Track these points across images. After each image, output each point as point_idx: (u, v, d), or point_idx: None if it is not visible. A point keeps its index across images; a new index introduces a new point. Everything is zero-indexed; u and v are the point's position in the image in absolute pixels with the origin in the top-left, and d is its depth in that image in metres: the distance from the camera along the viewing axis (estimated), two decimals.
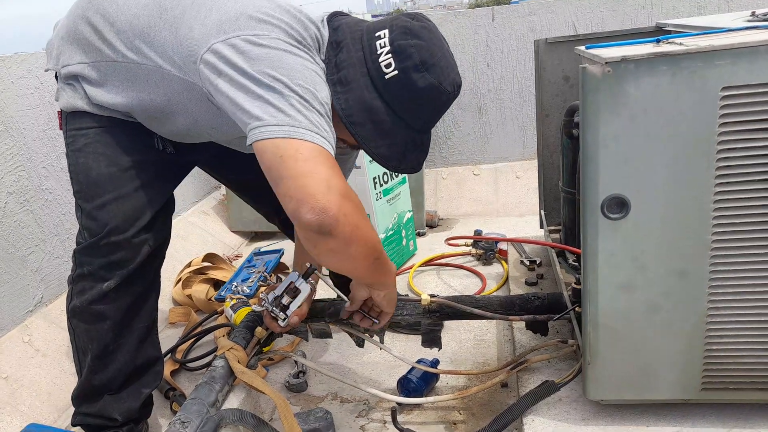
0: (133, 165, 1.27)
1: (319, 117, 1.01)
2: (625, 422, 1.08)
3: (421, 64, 1.08)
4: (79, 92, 1.24)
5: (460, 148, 3.12)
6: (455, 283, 2.23)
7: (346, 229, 0.97)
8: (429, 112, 1.16)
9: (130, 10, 1.16)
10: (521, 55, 2.93)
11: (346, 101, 1.10)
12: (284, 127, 0.97)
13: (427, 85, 1.09)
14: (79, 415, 1.38)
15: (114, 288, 1.27)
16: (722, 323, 0.98)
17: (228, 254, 2.69)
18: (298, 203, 0.95)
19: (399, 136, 1.13)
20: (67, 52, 1.24)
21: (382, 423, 1.48)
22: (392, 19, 1.15)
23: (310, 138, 0.98)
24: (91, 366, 1.32)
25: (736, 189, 0.91)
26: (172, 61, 1.12)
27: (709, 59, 0.86)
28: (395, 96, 1.10)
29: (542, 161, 1.87)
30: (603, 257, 0.98)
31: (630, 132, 0.91)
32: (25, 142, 1.92)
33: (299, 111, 0.99)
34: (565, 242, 1.67)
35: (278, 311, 1.32)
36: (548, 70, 1.75)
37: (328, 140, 1.01)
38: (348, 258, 1.04)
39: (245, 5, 1.08)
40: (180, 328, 2.08)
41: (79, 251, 1.29)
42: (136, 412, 1.38)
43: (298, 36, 1.08)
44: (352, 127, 1.10)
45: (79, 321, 1.31)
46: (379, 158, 1.14)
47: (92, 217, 1.25)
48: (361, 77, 1.09)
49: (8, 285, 1.81)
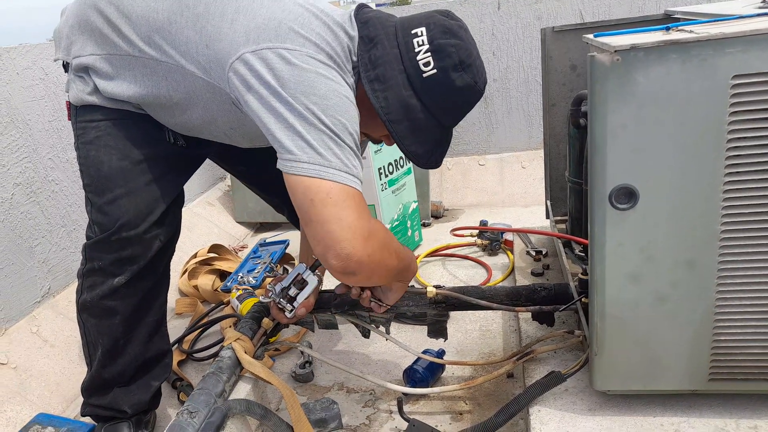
0: (145, 158, 1.26)
1: (350, 153, 1.03)
2: (632, 413, 1.08)
3: (459, 64, 1.09)
4: (90, 85, 1.22)
5: (466, 138, 3.10)
6: (461, 273, 2.22)
7: (369, 268, 1.05)
8: (462, 109, 1.17)
9: (146, 3, 1.14)
10: (527, 43, 2.90)
11: (385, 99, 1.10)
12: (315, 166, 1.00)
13: (465, 85, 1.11)
14: (89, 406, 1.39)
15: (125, 284, 1.26)
16: (730, 314, 0.98)
17: (233, 245, 2.69)
18: (325, 249, 1.02)
19: (431, 133, 1.15)
20: (79, 42, 1.21)
21: (389, 413, 1.48)
22: (427, 16, 1.14)
23: (341, 179, 1.00)
24: (102, 360, 1.33)
25: (746, 179, 0.90)
26: (197, 62, 1.10)
27: (720, 47, 0.85)
28: (432, 94, 1.11)
29: (548, 151, 1.86)
30: (610, 248, 0.97)
31: (639, 121, 0.90)
32: (31, 134, 1.92)
33: (330, 148, 1.00)
34: (571, 232, 1.66)
35: (285, 303, 1.33)
36: (555, 59, 1.74)
37: (357, 176, 1.04)
38: (371, 282, 1.19)
39: (274, 10, 1.07)
40: (186, 318, 2.09)
41: (89, 246, 1.28)
42: (146, 404, 1.39)
43: (329, 49, 1.08)
44: (391, 125, 1.11)
45: (90, 316, 1.31)
46: (412, 155, 1.16)
47: (103, 211, 1.24)
48: (398, 75, 1.10)
49: (16, 276, 1.82)
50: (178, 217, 1.38)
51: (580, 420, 1.08)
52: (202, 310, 2.09)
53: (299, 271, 1.35)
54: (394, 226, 2.33)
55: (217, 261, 2.34)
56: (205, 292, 2.16)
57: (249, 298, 1.92)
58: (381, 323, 1.47)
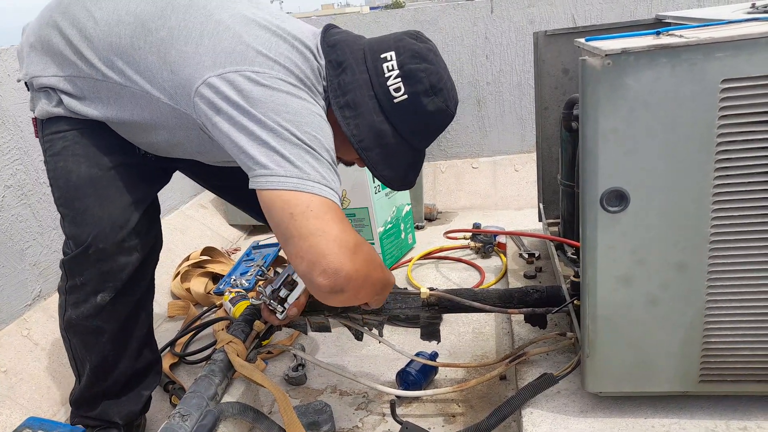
0: (115, 166, 1.21)
1: (327, 167, 0.99)
2: (624, 414, 1.08)
3: (430, 89, 1.08)
4: (54, 99, 1.18)
5: (459, 141, 3.11)
6: (454, 276, 2.23)
7: (357, 283, 0.98)
8: (433, 133, 1.17)
9: (109, 26, 1.10)
10: (520, 47, 2.92)
11: (356, 126, 1.09)
12: (293, 179, 0.95)
13: (437, 109, 1.10)
14: (78, 417, 1.38)
15: (109, 301, 1.22)
16: (720, 316, 0.98)
17: (226, 248, 2.69)
18: (310, 265, 0.94)
19: (403, 157, 1.14)
20: (39, 63, 1.17)
21: (381, 416, 1.48)
22: (396, 40, 1.12)
23: (319, 191, 0.96)
24: (91, 376, 1.31)
25: (736, 182, 0.91)
26: (162, 88, 1.07)
27: (710, 51, 0.86)
28: (403, 119, 1.10)
29: (541, 154, 1.87)
30: (602, 250, 0.98)
31: (629, 125, 0.91)
32: (22, 136, 1.91)
33: (307, 162, 0.96)
34: (563, 235, 1.67)
35: (276, 304, 1.32)
36: (547, 63, 1.75)
37: (336, 191, 1.00)
38: (357, 300, 1.07)
39: (240, 33, 1.03)
40: (179, 321, 2.09)
41: (67, 261, 1.23)
42: (137, 414, 1.38)
43: (299, 72, 1.05)
44: (363, 153, 1.10)
45: (75, 334, 1.28)
46: (385, 180, 1.15)
47: (76, 223, 1.19)
48: (368, 100, 1.08)
49: (6, 279, 1.80)
50: (156, 227, 1.33)
51: (572, 422, 1.09)
52: (195, 312, 2.08)
53: (289, 272, 1.35)
54: (388, 229, 2.33)
55: (209, 264, 2.34)
56: (197, 295, 2.16)
57: (242, 300, 1.92)
58: (374, 326, 1.47)
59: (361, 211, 2.26)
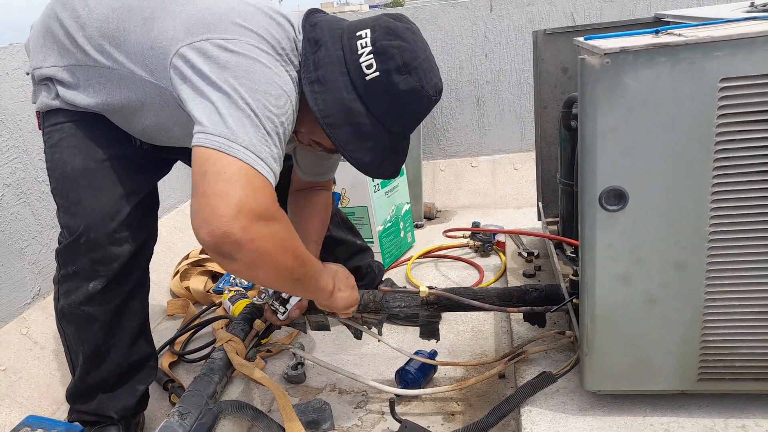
0: (109, 158, 1.23)
1: (265, 137, 0.95)
2: (622, 413, 1.09)
3: (403, 66, 1.04)
4: (53, 92, 1.22)
5: (458, 139, 3.11)
6: (453, 275, 2.23)
7: (250, 256, 0.91)
8: (409, 116, 1.11)
9: (100, 12, 1.13)
10: (520, 46, 2.92)
11: (324, 101, 1.05)
12: (220, 139, 0.91)
13: (409, 89, 1.05)
14: (75, 412, 1.38)
15: (101, 290, 1.24)
16: (719, 314, 0.99)
17: None
18: (200, 222, 0.89)
19: (378, 140, 1.09)
20: (41, 53, 1.21)
21: (380, 414, 1.49)
22: (374, 19, 1.10)
23: (243, 156, 0.91)
24: (84, 366, 1.31)
25: (734, 181, 0.91)
26: (144, 65, 1.09)
27: (708, 50, 0.86)
28: (376, 98, 1.05)
29: (540, 153, 1.87)
30: (601, 249, 0.98)
31: (628, 123, 0.91)
32: (21, 134, 1.91)
33: (244, 126, 0.93)
34: (562, 234, 1.67)
35: (278, 304, 1.33)
36: (547, 62, 1.75)
37: (266, 161, 0.94)
38: (256, 280, 1.00)
39: (216, 5, 1.04)
40: (178, 320, 2.09)
41: (60, 251, 1.26)
42: (132, 409, 1.38)
43: (272, 41, 1.04)
44: (328, 129, 1.05)
45: (68, 323, 1.29)
46: (357, 163, 1.09)
47: (70, 213, 1.23)
48: (340, 77, 1.05)
49: (6, 277, 1.80)
50: (151, 221, 1.34)
51: (571, 420, 1.09)
52: (194, 311, 2.08)
53: None
54: (387, 228, 2.33)
55: (209, 262, 2.33)
56: (197, 294, 2.16)
57: (241, 299, 1.92)
58: (373, 324, 1.47)
59: (360, 209, 2.26)
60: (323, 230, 1.54)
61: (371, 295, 1.44)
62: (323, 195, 1.53)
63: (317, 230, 1.50)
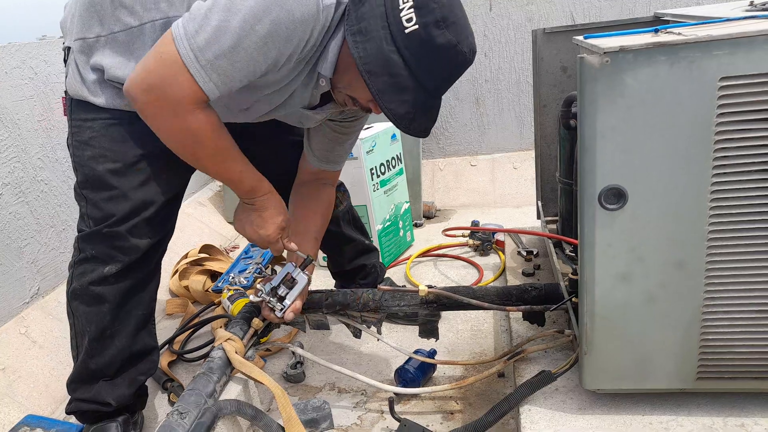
0: (139, 160, 1.27)
1: (228, 49, 1.03)
2: (621, 412, 1.09)
3: (442, 21, 1.07)
4: (88, 78, 1.24)
5: (458, 138, 3.11)
6: (452, 274, 2.23)
7: (145, 113, 1.12)
8: (444, 72, 1.14)
9: None
10: (519, 45, 2.92)
11: (364, 50, 1.09)
12: (181, 33, 1.04)
13: (446, 43, 1.08)
14: (74, 401, 1.38)
15: (114, 273, 1.28)
16: (718, 313, 0.99)
17: (225, 245, 2.68)
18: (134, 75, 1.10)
19: (412, 95, 1.12)
20: (80, 24, 1.24)
21: (380, 413, 1.49)
22: None
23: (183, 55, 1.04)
24: (89, 349, 1.33)
25: (734, 179, 0.91)
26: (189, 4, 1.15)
27: (708, 49, 0.86)
28: (413, 52, 1.09)
29: (539, 152, 1.87)
30: (600, 248, 0.98)
31: (628, 122, 0.91)
32: (20, 134, 1.91)
33: (212, 32, 1.03)
34: (562, 233, 1.67)
35: (275, 302, 1.33)
36: (546, 61, 1.75)
37: (205, 68, 1.05)
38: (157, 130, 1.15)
39: None
40: (177, 319, 2.08)
41: (81, 238, 1.30)
42: (130, 399, 1.39)
43: None
44: (368, 77, 1.09)
45: (80, 303, 1.32)
46: (392, 114, 1.13)
47: (98, 207, 1.27)
48: (381, 30, 1.09)
49: (4, 277, 1.80)
50: (172, 216, 1.38)
51: (570, 419, 1.09)
52: (193, 310, 2.08)
53: (288, 270, 1.35)
54: (386, 227, 2.33)
55: (208, 261, 2.33)
56: (196, 293, 2.16)
57: (240, 298, 1.92)
58: (372, 323, 1.47)
59: (360, 208, 2.26)
60: (323, 227, 1.54)
61: (370, 294, 1.44)
62: (327, 191, 1.54)
63: (318, 226, 1.50)
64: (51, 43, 2.05)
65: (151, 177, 1.28)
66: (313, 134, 1.46)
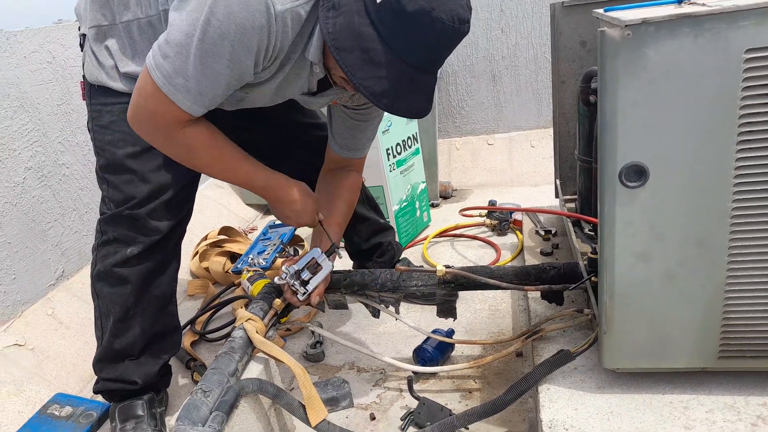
0: None
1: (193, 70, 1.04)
2: (641, 390, 1.08)
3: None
4: (106, 64, 1.26)
5: (474, 117, 3.07)
6: (470, 253, 2.23)
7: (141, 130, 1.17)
8: (422, 43, 1.05)
9: None
10: (536, 20, 2.86)
11: (333, 25, 1.04)
12: (153, 63, 1.06)
13: (418, 9, 0.99)
14: (101, 381, 1.42)
15: (137, 255, 1.31)
16: (741, 291, 0.97)
17: (243, 227, 2.71)
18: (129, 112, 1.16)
19: (391, 70, 1.05)
20: (97, 12, 1.25)
21: (399, 391, 1.50)
22: None
23: (159, 82, 1.06)
24: (113, 329, 1.36)
25: (758, 155, 0.89)
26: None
27: (733, 20, 0.83)
28: (386, 23, 1.02)
29: (558, 129, 1.84)
30: (620, 226, 0.97)
31: (649, 97, 0.89)
32: (41, 118, 1.93)
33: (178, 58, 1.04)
34: (580, 211, 1.65)
35: (299, 285, 1.34)
36: (564, 35, 1.71)
37: (177, 89, 1.06)
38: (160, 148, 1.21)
39: None
40: (198, 300, 2.12)
41: (103, 220, 1.33)
42: (155, 376, 1.42)
43: None
44: (337, 53, 1.04)
45: (104, 285, 1.35)
46: (368, 92, 1.05)
47: (119, 189, 1.30)
48: (354, 2, 1.03)
49: (30, 259, 1.84)
50: (190, 199, 1.40)
51: (589, 398, 1.09)
52: (214, 291, 2.11)
53: (314, 255, 1.36)
54: (403, 207, 2.33)
55: (227, 243, 2.36)
56: (216, 274, 2.19)
57: (260, 279, 1.94)
58: (390, 303, 1.48)
59: (375, 189, 2.26)
60: (348, 213, 1.54)
61: (388, 274, 1.44)
62: (353, 177, 1.53)
63: (342, 212, 1.50)
64: (67, 27, 2.06)
65: (169, 161, 1.28)
66: (334, 122, 1.46)
